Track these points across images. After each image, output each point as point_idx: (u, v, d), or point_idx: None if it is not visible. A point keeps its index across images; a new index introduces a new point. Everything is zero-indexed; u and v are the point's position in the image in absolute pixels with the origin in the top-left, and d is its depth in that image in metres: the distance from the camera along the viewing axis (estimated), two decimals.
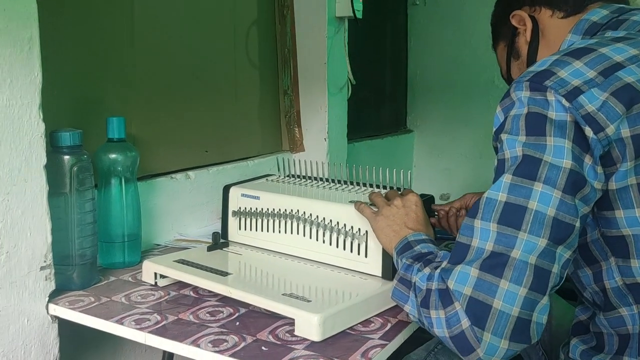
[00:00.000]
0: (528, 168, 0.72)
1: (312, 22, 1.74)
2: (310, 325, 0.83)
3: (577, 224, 0.72)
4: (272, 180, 1.28)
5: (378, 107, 2.50)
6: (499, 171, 0.76)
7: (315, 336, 0.83)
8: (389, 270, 0.99)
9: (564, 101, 0.73)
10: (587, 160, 0.73)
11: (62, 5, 1.13)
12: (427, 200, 1.09)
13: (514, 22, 0.96)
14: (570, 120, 0.73)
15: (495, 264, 0.71)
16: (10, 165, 0.90)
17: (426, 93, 2.72)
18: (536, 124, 0.74)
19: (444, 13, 2.63)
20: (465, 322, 0.70)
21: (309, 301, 0.89)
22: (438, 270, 0.76)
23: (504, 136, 0.76)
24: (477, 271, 0.71)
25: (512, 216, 0.71)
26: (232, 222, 1.20)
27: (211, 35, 1.51)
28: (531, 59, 0.94)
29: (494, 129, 0.80)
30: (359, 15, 1.77)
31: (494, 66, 1.10)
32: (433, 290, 0.75)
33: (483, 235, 0.73)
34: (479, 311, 0.70)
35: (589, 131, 0.72)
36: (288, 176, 1.29)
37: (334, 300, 0.94)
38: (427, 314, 0.75)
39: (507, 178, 0.73)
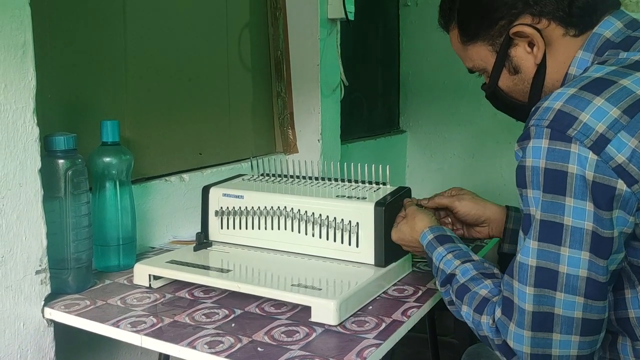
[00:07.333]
0: (551, 233, 0.73)
1: (304, 24, 1.75)
2: (327, 311, 0.89)
3: (608, 279, 0.74)
4: (247, 179, 1.30)
5: (371, 108, 2.50)
6: (526, 225, 0.76)
7: (333, 320, 0.89)
8: (381, 258, 1.05)
9: (590, 154, 0.70)
10: (615, 214, 0.72)
11: (56, 9, 1.13)
12: (403, 195, 1.13)
13: (513, 33, 0.86)
14: (590, 178, 0.71)
15: (542, 321, 0.74)
16: (5, 169, 0.91)
17: (418, 94, 2.73)
18: (555, 182, 0.72)
19: (435, 14, 2.63)
20: None
21: (319, 289, 0.94)
22: (491, 321, 0.80)
23: (528, 192, 0.75)
24: (530, 332, 0.75)
25: (545, 280, 0.73)
26: (214, 221, 1.21)
27: (204, 38, 1.52)
28: (538, 84, 0.89)
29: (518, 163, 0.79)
30: (351, 17, 1.78)
31: None
32: (492, 342, 0.80)
33: (521, 296, 0.75)
34: None
35: (622, 184, 0.70)
36: (262, 175, 1.31)
37: (342, 287, 0.98)
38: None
39: (533, 244, 0.74)
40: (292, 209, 1.13)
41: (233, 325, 0.90)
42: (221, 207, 1.20)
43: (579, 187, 0.71)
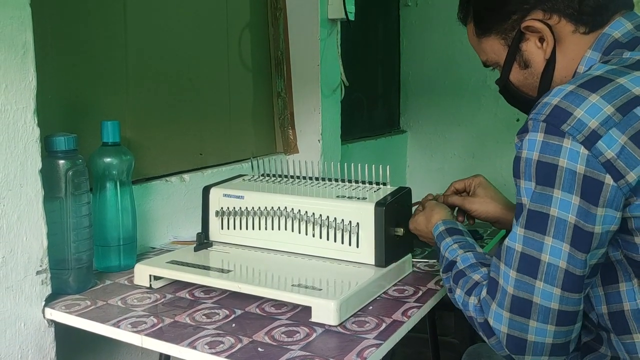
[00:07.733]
0: (537, 222, 0.76)
1: (304, 24, 1.75)
2: (328, 311, 0.89)
3: (587, 272, 0.75)
4: (248, 179, 1.30)
5: (371, 108, 2.51)
6: (518, 213, 0.79)
7: (333, 321, 0.89)
8: (381, 258, 1.05)
9: (582, 149, 0.73)
10: (603, 211, 0.73)
11: (56, 9, 1.13)
12: (403, 195, 1.13)
13: (524, 27, 0.88)
14: (581, 172, 0.73)
15: (521, 306, 0.77)
16: (6, 170, 0.91)
17: (419, 94, 2.73)
18: (546, 174, 0.75)
19: (435, 14, 2.64)
20: (506, 351, 0.79)
21: (320, 289, 0.94)
22: (476, 301, 0.83)
23: (521, 182, 0.79)
24: (508, 313, 0.78)
25: (528, 266, 0.76)
26: (214, 222, 1.21)
27: (204, 38, 1.52)
28: (547, 79, 0.90)
29: (516, 154, 0.81)
30: (352, 17, 1.78)
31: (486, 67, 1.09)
32: (475, 321, 0.83)
33: (505, 278, 0.79)
34: (517, 345, 0.78)
35: (609, 179, 0.73)
36: (262, 175, 1.31)
37: (342, 288, 0.98)
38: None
39: (520, 231, 0.78)
40: (292, 209, 1.13)
41: (233, 325, 0.90)
42: (222, 208, 1.20)
43: (568, 181, 0.74)
